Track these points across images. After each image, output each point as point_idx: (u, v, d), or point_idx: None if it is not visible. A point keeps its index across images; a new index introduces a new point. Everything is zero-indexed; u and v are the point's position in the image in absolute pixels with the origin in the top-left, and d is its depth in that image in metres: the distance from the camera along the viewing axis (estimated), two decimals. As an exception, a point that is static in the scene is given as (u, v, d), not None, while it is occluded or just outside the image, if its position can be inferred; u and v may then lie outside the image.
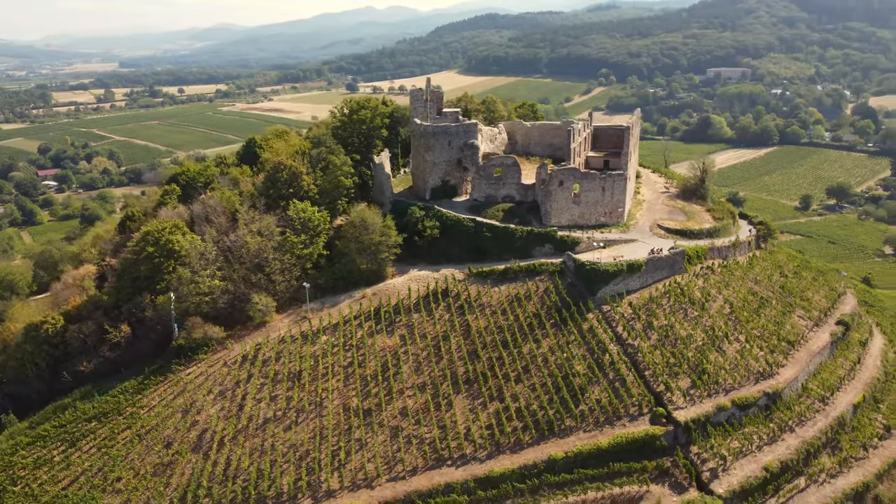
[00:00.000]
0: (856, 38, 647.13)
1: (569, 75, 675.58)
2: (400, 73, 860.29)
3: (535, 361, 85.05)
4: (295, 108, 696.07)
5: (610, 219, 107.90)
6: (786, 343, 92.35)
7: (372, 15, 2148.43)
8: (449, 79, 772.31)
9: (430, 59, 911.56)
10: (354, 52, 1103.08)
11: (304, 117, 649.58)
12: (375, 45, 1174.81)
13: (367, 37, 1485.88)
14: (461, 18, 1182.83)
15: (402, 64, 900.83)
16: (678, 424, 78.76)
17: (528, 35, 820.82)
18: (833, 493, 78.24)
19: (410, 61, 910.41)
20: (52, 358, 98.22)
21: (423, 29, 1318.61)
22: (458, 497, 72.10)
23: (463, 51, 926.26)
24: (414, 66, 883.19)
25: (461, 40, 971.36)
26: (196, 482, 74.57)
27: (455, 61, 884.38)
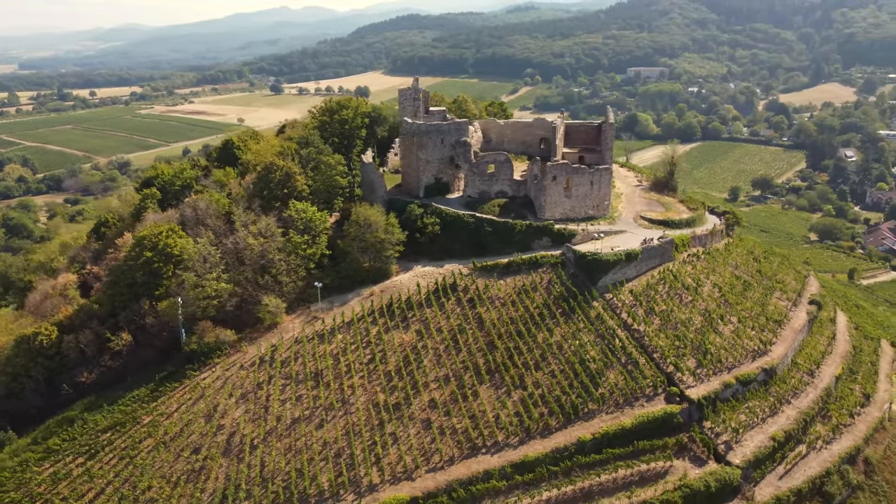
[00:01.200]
0: (762, 38, 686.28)
1: (495, 75, 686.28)
2: (324, 73, 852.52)
3: (550, 349, 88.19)
4: (219, 111, 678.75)
5: (597, 211, 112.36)
6: (773, 322, 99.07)
7: (287, 15, 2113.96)
8: (376, 79, 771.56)
9: (354, 59, 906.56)
10: (273, 52, 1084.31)
11: (230, 119, 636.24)
12: (294, 45, 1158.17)
13: (285, 37, 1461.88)
14: (382, 19, 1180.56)
15: (325, 65, 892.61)
16: (691, 402, 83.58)
17: (452, 36, 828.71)
18: (830, 458, 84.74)
19: (334, 62, 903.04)
20: (48, 370, 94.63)
21: (341, 29, 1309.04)
22: (496, 483, 74.33)
23: (386, 51, 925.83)
24: (338, 67, 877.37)
25: (384, 41, 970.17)
26: (234, 485, 73.92)
27: (379, 62, 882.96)
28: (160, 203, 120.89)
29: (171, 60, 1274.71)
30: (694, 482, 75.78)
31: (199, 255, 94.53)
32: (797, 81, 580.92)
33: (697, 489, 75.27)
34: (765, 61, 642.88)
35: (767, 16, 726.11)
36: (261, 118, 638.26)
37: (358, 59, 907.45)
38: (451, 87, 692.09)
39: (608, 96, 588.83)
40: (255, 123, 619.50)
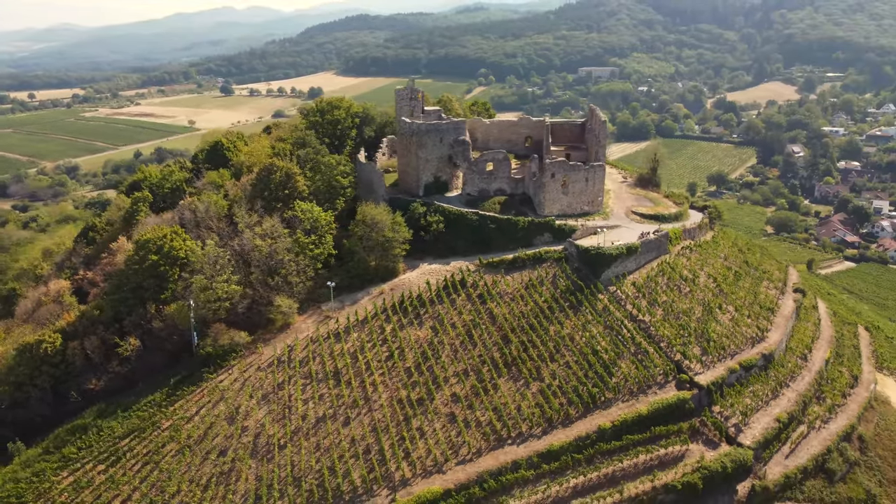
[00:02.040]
0: (706, 38, 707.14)
1: (449, 76, 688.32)
2: (274, 74, 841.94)
3: (563, 341, 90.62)
4: (167, 113, 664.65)
5: (592, 207, 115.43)
6: (766, 310, 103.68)
7: (231, 15, 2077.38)
8: (328, 80, 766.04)
9: (304, 60, 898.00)
10: (219, 53, 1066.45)
11: (180, 122, 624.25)
12: (240, 46, 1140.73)
13: (230, 38, 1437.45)
14: (330, 19, 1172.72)
15: (274, 65, 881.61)
16: (701, 388, 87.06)
17: (404, 36, 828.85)
18: (829, 437, 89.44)
19: (283, 62, 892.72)
20: (53, 378, 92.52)
21: (287, 30, 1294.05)
22: (525, 473, 76.26)
23: (337, 52, 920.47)
24: (288, 68, 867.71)
25: (334, 41, 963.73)
26: (265, 485, 73.98)
27: (331, 62, 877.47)
28: (151, 206, 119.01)
29: (111, 62, 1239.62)
30: (711, 464, 79.18)
31: (207, 257, 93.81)
32: (742, 80, 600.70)
33: (715, 470, 78.67)
34: (710, 61, 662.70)
35: (711, 17, 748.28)
36: (212, 120, 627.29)
37: (308, 60, 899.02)
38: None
39: (561, 96, 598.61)
40: (206, 125, 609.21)
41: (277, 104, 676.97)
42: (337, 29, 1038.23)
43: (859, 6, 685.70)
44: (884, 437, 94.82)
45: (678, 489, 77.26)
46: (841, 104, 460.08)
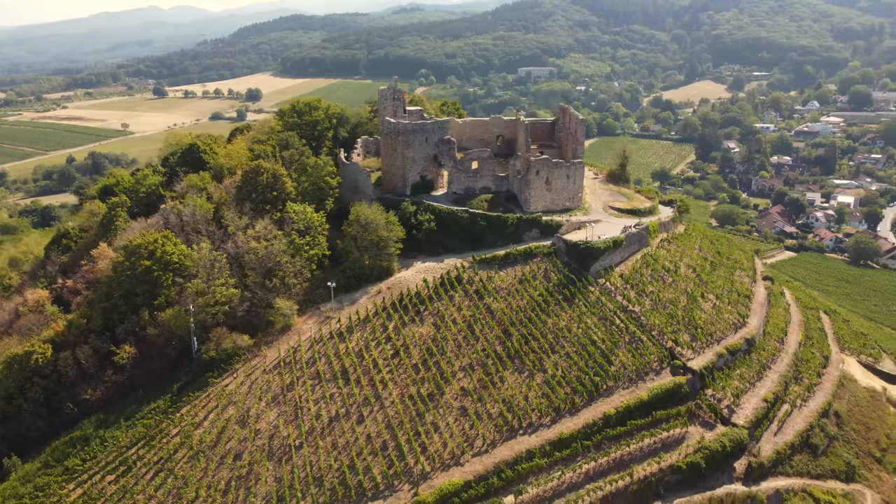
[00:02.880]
0: (639, 39, 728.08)
1: (389, 76, 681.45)
2: (208, 76, 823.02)
3: (561, 333, 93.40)
4: (97, 116, 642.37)
5: (573, 203, 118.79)
6: (743, 297, 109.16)
7: (157, 15, 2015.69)
8: (265, 81, 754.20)
9: (239, 61, 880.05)
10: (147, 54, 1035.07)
11: (112, 125, 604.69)
12: (170, 47, 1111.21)
13: (157, 38, 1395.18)
14: (262, 19, 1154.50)
15: (208, 66, 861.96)
16: (694, 372, 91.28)
17: (342, 36, 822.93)
18: (810, 414, 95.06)
19: (217, 63, 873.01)
20: (45, 390, 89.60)
21: (218, 30, 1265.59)
22: (539, 461, 78.62)
23: (273, 52, 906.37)
24: (222, 69, 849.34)
25: (269, 42, 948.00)
26: (287, 486, 74.01)
27: (267, 63, 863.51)
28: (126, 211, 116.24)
29: (30, 63, 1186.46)
30: (712, 444, 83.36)
31: (204, 260, 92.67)
32: (675, 79, 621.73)
33: (716, 450, 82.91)
34: (644, 61, 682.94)
35: (642, 18, 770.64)
36: (148, 123, 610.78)
37: (243, 61, 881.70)
38: (346, 88, 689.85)
39: (502, 96, 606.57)
40: (141, 129, 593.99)
41: (215, 106, 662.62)
42: (271, 29, 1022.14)
43: (780, 8, 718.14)
44: (856, 413, 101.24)
45: (683, 469, 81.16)
46: (770, 102, 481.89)
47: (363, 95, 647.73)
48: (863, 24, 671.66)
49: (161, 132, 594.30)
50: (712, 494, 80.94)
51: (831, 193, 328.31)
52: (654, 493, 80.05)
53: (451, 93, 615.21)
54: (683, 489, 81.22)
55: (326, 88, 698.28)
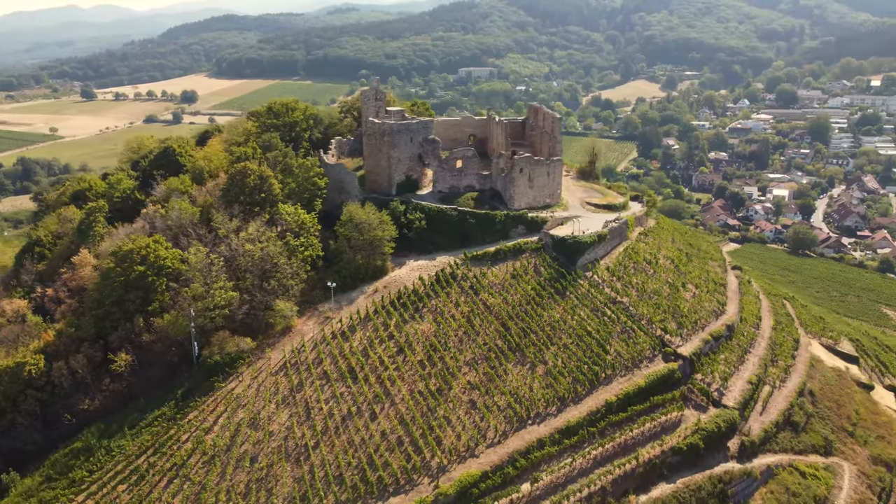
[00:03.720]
0: (575, 40, 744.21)
1: (329, 77, 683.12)
2: (138, 77, 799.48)
3: (557, 326, 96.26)
4: (22, 120, 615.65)
5: (552, 199, 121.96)
6: (719, 286, 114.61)
7: (77, 14, 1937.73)
8: (200, 83, 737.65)
9: (171, 62, 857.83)
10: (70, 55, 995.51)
11: (40, 129, 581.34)
12: (93, 47, 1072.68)
13: (79, 38, 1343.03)
14: (192, 19, 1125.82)
15: (138, 68, 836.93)
16: (685, 359, 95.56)
17: (279, 37, 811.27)
18: (789, 394, 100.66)
19: (147, 65, 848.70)
20: (39, 402, 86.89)
21: (144, 30, 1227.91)
22: (550, 449, 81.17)
23: (206, 53, 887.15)
24: (153, 70, 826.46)
25: (202, 42, 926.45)
26: (307, 486, 74.24)
27: (200, 64, 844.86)
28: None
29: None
30: (708, 425, 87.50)
31: (200, 264, 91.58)
32: (611, 79, 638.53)
33: (712, 430, 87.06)
34: (580, 61, 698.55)
35: (577, 19, 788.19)
36: (77, 127, 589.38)
37: (175, 62, 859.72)
38: (284, 89, 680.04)
39: (444, 96, 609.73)
40: (71, 132, 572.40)
41: (148, 108, 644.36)
42: (202, 29, 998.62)
43: (707, 10, 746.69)
44: (826, 391, 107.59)
45: (684, 450, 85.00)
46: (704, 100, 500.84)
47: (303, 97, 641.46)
48: (784, 26, 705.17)
49: (93, 136, 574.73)
50: (711, 473, 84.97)
51: (767, 187, 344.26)
52: (659, 474, 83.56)
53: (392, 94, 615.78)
54: (684, 469, 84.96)
55: (265, 90, 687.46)
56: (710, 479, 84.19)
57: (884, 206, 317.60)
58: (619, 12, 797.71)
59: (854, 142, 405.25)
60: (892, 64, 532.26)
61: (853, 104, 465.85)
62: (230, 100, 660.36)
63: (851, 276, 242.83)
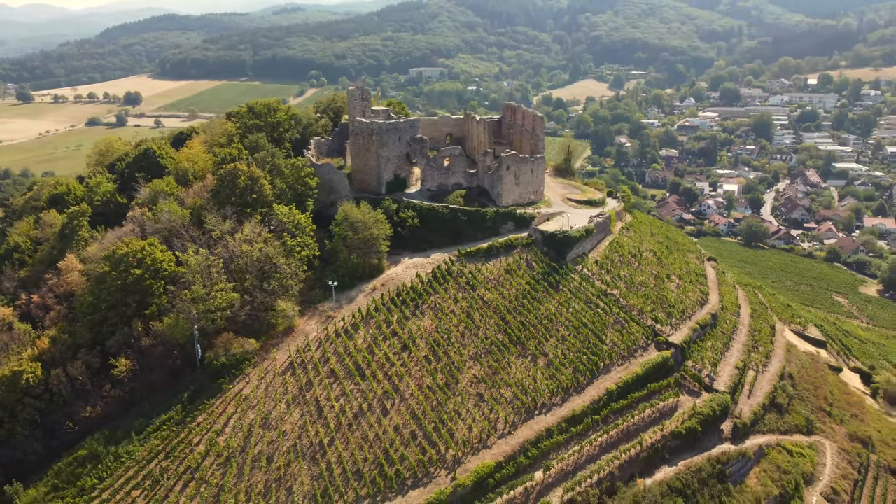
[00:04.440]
0: (523, 40, 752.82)
1: (278, 78, 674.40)
2: (77, 79, 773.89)
3: (554, 318, 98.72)
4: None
5: (536, 196, 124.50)
6: (700, 276, 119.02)
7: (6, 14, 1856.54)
8: (144, 84, 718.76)
9: (111, 63, 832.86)
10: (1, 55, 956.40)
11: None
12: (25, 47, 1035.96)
13: (10, 38, 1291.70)
14: (131, 19, 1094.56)
15: (76, 69, 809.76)
16: (677, 347, 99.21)
17: (225, 37, 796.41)
18: (772, 377, 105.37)
19: (86, 66, 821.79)
20: (38, 411, 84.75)
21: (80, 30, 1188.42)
22: (558, 437, 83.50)
23: (148, 54, 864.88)
24: (92, 72, 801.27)
25: (143, 43, 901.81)
26: (326, 482, 74.60)
27: (142, 65, 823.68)
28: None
29: None
30: (704, 409, 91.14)
31: (200, 266, 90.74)
32: (560, 79, 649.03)
33: (708, 414, 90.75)
34: (529, 61, 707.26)
35: (525, 19, 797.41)
36: (14, 130, 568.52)
37: (115, 63, 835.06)
38: (232, 90, 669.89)
39: (396, 96, 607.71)
40: (8, 136, 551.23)
41: (90, 111, 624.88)
42: (142, 29, 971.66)
43: (651, 11, 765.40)
44: (804, 374, 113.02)
45: (683, 434, 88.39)
46: (652, 99, 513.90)
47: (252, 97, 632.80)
48: (724, 26, 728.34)
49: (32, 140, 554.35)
50: (709, 455, 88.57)
51: (717, 182, 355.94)
52: (661, 457, 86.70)
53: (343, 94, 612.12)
54: (683, 452, 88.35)
55: (212, 91, 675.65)
56: (709, 461, 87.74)
57: (826, 199, 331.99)
58: (565, 13, 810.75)
59: (795, 138, 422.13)
60: (827, 63, 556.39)
61: (792, 102, 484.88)
62: (176, 101, 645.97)
63: (802, 266, 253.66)
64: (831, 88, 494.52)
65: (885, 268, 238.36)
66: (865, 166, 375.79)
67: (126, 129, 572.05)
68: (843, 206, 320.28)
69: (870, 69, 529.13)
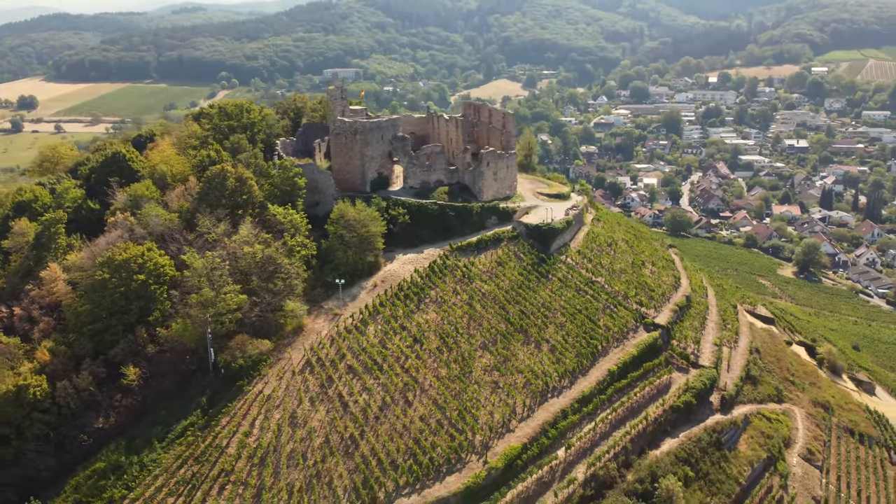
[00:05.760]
0: (435, 41, 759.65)
1: (185, 79, 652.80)
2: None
3: (550, 306, 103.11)
4: None
5: (511, 191, 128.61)
6: (669, 262, 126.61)
7: None
8: (38, 87, 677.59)
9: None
10: None
11: None
12: None
13: None
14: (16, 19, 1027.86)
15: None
16: (663, 328, 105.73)
17: (125, 37, 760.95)
18: (743, 352, 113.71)
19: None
20: (47, 425, 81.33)
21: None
22: (573, 417, 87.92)
23: (38, 55, 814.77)
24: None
25: (31, 43, 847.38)
26: (364, 474, 75.71)
27: (33, 67, 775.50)
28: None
29: None
30: (696, 384, 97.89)
31: (206, 269, 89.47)
32: (475, 79, 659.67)
33: (700, 388, 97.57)
34: (443, 61, 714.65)
35: (435, 20, 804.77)
36: None
37: (3, 65, 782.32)
38: (137, 93, 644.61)
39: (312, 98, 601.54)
40: None
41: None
42: (29, 29, 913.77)
43: (557, 12, 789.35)
44: (766, 348, 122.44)
45: (681, 408, 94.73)
46: (567, 97, 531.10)
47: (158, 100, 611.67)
48: (626, 28, 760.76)
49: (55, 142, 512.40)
50: (705, 425, 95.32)
51: (636, 176, 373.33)
52: (663, 431, 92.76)
53: (257, 96, 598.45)
54: (681, 424, 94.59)
55: (114, 94, 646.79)
56: (706, 431, 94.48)
57: (737, 189, 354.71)
58: (475, 14, 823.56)
59: (703, 133, 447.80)
60: (724, 62, 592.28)
61: (696, 99, 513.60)
62: (76, 105, 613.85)
63: (725, 253, 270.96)
64: (730, 86, 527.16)
65: (799, 252, 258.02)
66: (767, 158, 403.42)
67: (24, 134, 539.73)
68: (753, 195, 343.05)
69: (762, 67, 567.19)
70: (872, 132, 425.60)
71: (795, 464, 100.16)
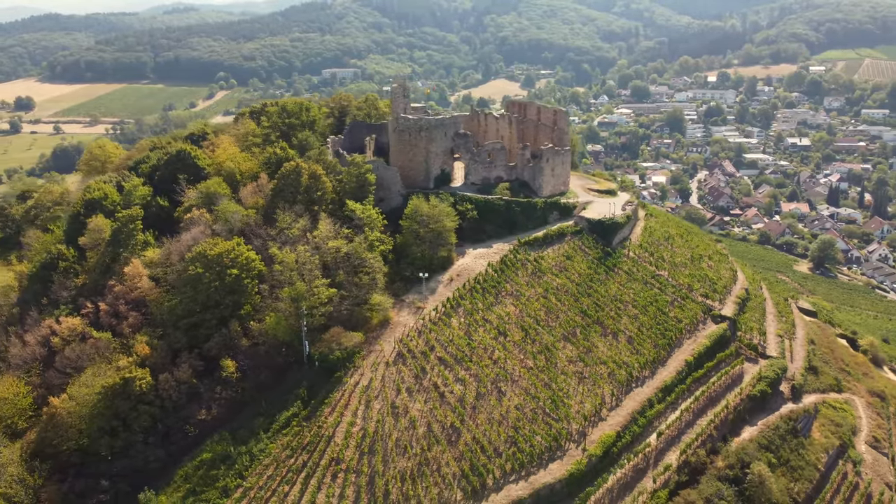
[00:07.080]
0: (432, 41, 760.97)
1: (184, 80, 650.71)
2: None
3: (621, 299, 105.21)
4: None
5: (565, 187, 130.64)
6: (724, 256, 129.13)
7: None
8: (34, 88, 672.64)
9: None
10: None
11: None
12: None
13: None
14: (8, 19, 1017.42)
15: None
16: (730, 320, 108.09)
17: (121, 38, 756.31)
18: (802, 343, 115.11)
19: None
20: (152, 417, 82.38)
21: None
22: (658, 406, 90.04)
23: (31, 56, 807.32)
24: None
25: (24, 44, 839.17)
26: (470, 461, 77.37)
27: (27, 69, 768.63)
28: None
29: None
30: (768, 373, 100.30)
31: (297, 264, 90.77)
32: (473, 78, 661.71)
33: (773, 378, 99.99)
34: (440, 61, 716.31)
35: (431, 20, 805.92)
36: None
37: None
38: (134, 93, 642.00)
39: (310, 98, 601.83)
40: None
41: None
42: (21, 30, 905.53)
43: (552, 13, 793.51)
44: (820, 340, 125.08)
45: (757, 397, 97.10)
46: (570, 97, 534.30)
47: (157, 100, 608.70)
48: (622, 27, 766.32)
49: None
50: (780, 413, 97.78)
51: (644, 175, 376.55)
52: (742, 419, 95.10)
53: (255, 96, 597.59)
54: (758, 413, 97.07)
55: (111, 94, 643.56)
56: (782, 419, 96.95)
57: (745, 187, 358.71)
58: (470, 14, 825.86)
59: (706, 131, 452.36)
60: (722, 62, 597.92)
61: (696, 98, 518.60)
62: (74, 105, 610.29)
63: (741, 249, 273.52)
64: (729, 85, 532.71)
65: (815, 248, 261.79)
66: (771, 156, 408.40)
67: (22, 136, 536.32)
68: (761, 193, 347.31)
69: (760, 67, 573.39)
70: (872, 130, 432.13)
71: (864, 451, 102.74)
